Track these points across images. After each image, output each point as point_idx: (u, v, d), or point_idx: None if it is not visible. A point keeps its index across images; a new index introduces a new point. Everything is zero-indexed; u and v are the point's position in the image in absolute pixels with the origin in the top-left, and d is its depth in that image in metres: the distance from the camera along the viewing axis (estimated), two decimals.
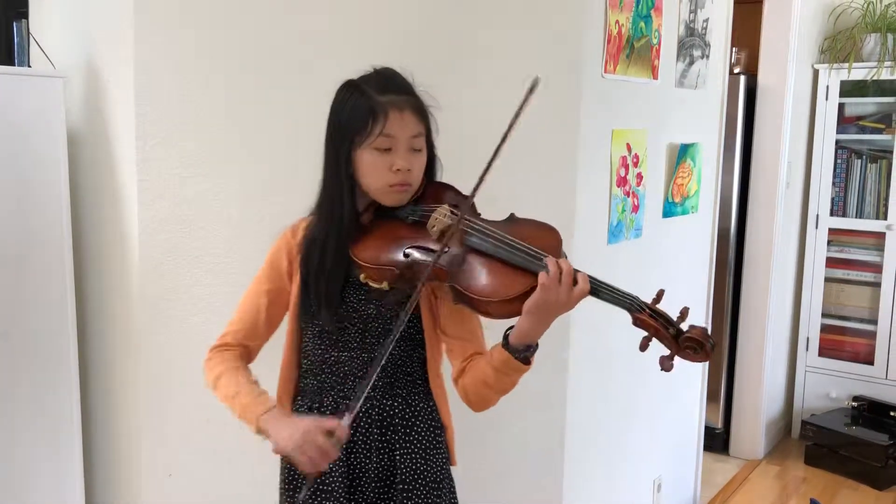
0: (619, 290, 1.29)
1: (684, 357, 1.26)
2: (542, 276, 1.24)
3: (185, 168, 1.88)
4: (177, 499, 1.94)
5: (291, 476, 1.49)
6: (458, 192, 1.43)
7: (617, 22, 2.21)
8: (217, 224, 1.92)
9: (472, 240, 1.33)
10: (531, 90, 1.31)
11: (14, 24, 2.00)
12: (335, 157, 1.39)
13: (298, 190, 1.91)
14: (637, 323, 1.28)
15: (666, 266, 2.74)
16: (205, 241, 1.92)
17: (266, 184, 1.96)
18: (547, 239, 1.34)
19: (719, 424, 3.93)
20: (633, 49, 2.32)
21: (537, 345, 1.32)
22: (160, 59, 1.83)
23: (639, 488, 2.79)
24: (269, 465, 1.76)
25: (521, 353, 1.30)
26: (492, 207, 1.41)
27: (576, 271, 1.26)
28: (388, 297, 1.38)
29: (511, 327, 1.31)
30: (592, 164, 2.20)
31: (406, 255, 1.33)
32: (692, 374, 3.15)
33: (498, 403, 2.11)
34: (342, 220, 1.39)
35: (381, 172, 1.36)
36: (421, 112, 1.39)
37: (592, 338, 2.31)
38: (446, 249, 1.31)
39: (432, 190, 1.43)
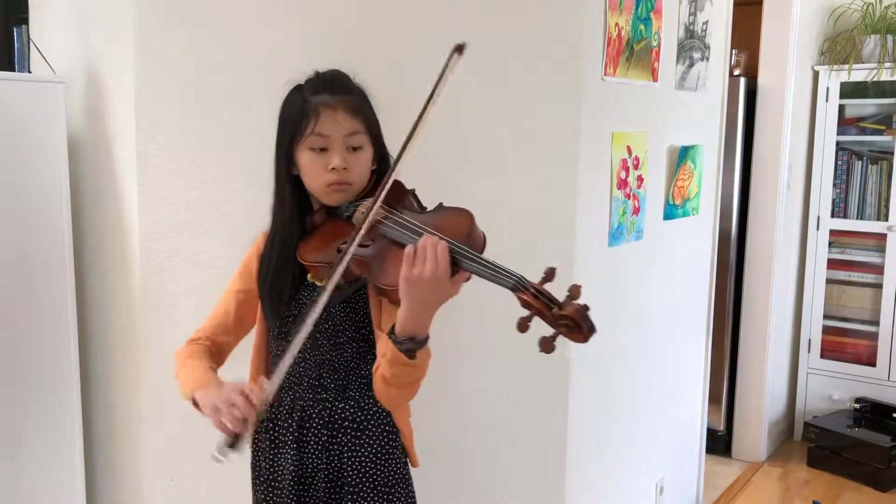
0: (495, 267, 1.21)
1: (566, 336, 1.17)
2: (407, 247, 1.22)
3: (185, 173, 1.88)
4: None
5: (254, 466, 1.53)
6: (403, 186, 1.43)
7: (616, 24, 2.21)
8: (217, 228, 1.92)
9: (386, 230, 1.33)
10: (453, 54, 1.27)
11: (14, 29, 2.01)
12: (278, 157, 1.44)
13: None
14: (522, 303, 1.19)
15: (667, 268, 2.73)
16: (205, 246, 1.92)
17: (266, 188, 1.96)
18: (455, 222, 1.31)
19: (721, 427, 3.92)
20: (633, 51, 2.32)
21: (425, 339, 1.26)
22: (160, 65, 1.83)
23: (641, 491, 2.78)
24: None
25: (403, 344, 1.25)
26: (495, 209, 1.41)
27: (437, 242, 1.21)
28: (334, 295, 1.36)
29: None
30: (593, 167, 2.20)
31: (339, 251, 1.33)
32: (694, 376, 3.15)
33: (499, 407, 2.11)
34: (284, 220, 1.43)
35: (318, 172, 1.39)
36: (356, 110, 1.40)
37: (593, 340, 2.30)
38: (369, 242, 1.31)
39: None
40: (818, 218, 4.06)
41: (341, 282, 1.32)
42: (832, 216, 4.04)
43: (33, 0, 2.15)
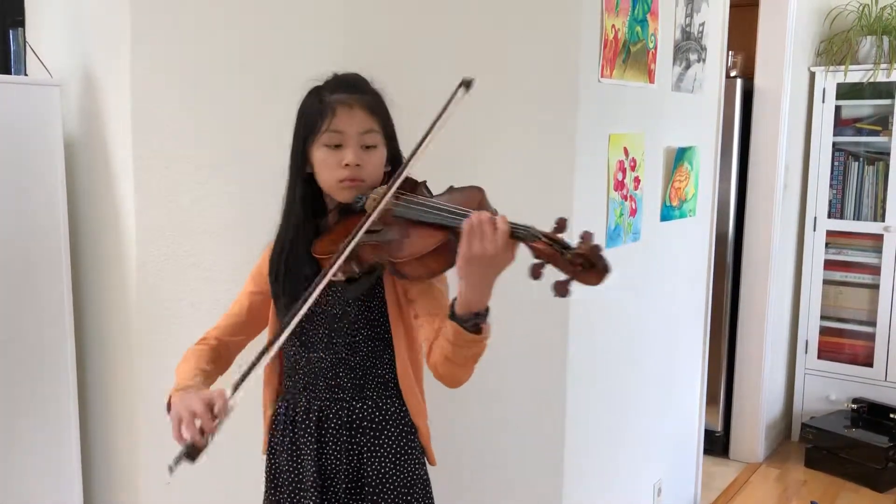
0: (524, 225, 1.24)
1: (579, 279, 1.17)
2: (464, 225, 1.22)
3: (181, 175, 1.88)
4: None
5: (271, 472, 1.53)
6: (425, 187, 1.45)
7: (613, 26, 2.21)
8: (214, 231, 1.92)
9: (399, 211, 1.35)
10: (459, 89, 1.32)
11: (10, 32, 2.01)
12: (293, 156, 1.46)
13: None
14: (535, 253, 1.20)
15: (664, 270, 2.74)
16: (201, 248, 1.92)
17: (262, 190, 1.95)
18: (468, 197, 1.35)
19: (719, 427, 3.93)
20: (630, 53, 2.32)
21: (487, 311, 1.26)
22: (157, 67, 1.83)
23: (639, 492, 2.78)
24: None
25: (469, 321, 1.25)
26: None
27: (494, 217, 1.22)
28: (348, 290, 1.40)
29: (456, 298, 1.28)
30: (590, 169, 2.20)
31: None
32: (691, 377, 3.15)
33: (497, 408, 2.11)
34: (296, 216, 1.45)
35: (332, 168, 1.41)
36: (372, 109, 1.43)
37: (591, 342, 2.31)
38: (380, 227, 1.33)
39: (403, 185, 1.43)
40: (815, 219, 4.07)
41: (356, 272, 1.35)
42: (829, 217, 4.04)
43: (29, 2, 2.15)
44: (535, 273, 1.18)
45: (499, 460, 2.19)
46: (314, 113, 1.42)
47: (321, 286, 1.29)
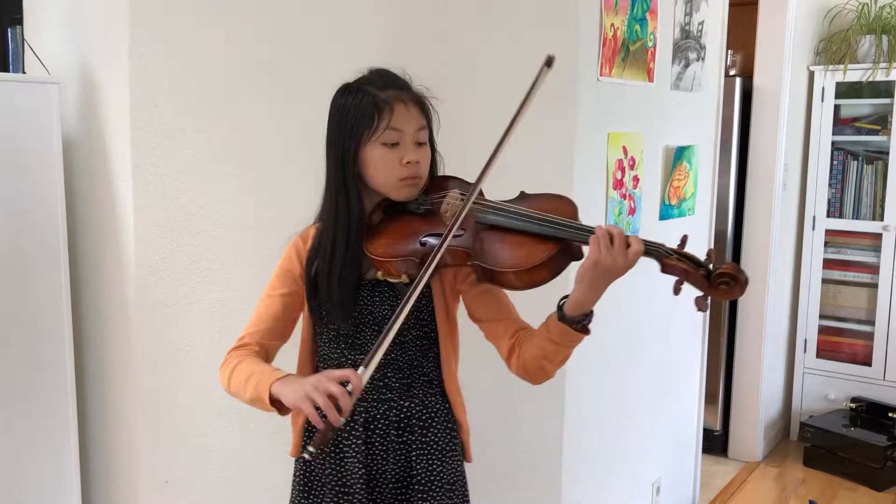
0: (656, 242, 1.31)
1: (719, 295, 1.26)
2: (593, 239, 1.26)
3: (180, 174, 1.88)
4: None
5: (306, 476, 1.47)
6: (462, 181, 1.45)
7: (612, 25, 2.21)
8: (212, 230, 1.92)
9: (487, 217, 1.36)
10: (543, 68, 1.35)
11: (8, 30, 2.01)
12: (341, 157, 1.39)
13: (294, 196, 1.91)
14: (666, 269, 1.29)
15: None
16: (200, 247, 1.91)
17: (261, 190, 1.95)
18: (562, 207, 1.38)
19: (718, 426, 3.93)
20: (629, 52, 2.32)
21: (593, 312, 1.33)
22: (156, 66, 1.83)
23: (637, 491, 2.78)
24: (267, 474, 1.76)
25: (579, 322, 1.32)
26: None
27: (627, 235, 1.28)
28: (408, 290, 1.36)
29: (564, 298, 1.33)
30: (588, 167, 2.20)
31: (423, 244, 1.35)
32: (690, 376, 3.15)
33: (496, 407, 2.11)
34: (351, 220, 1.39)
35: (391, 167, 1.38)
36: (423, 105, 1.42)
37: (590, 341, 2.30)
38: (461, 231, 1.34)
39: (437, 182, 1.45)
40: (814, 218, 4.07)
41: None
42: (828, 216, 4.05)
43: (27, 1, 2.15)
44: (676, 290, 1.28)
45: (498, 459, 2.18)
46: (367, 111, 1.36)
47: (422, 284, 1.28)
